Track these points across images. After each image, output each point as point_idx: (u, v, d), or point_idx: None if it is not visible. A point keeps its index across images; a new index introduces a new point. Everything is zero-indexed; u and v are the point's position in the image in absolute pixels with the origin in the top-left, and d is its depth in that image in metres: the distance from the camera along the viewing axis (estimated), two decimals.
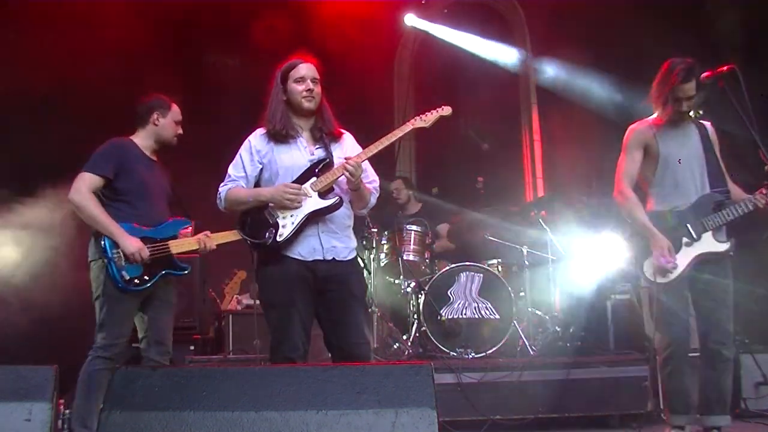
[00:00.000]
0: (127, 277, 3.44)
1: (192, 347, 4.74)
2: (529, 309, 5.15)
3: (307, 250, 3.04)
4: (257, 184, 3.17)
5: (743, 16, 5.56)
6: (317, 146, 3.14)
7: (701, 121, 3.55)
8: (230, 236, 3.71)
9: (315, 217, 3.04)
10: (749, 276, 5.18)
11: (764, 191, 3.31)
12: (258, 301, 5.48)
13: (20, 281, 4.97)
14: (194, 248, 3.66)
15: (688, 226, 3.36)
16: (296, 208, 3.01)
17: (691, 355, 3.45)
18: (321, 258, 3.04)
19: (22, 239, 5.03)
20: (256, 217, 3.09)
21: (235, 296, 5.68)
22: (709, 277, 3.35)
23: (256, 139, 3.17)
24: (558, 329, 4.99)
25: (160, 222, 3.65)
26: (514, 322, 4.79)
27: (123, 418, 2.06)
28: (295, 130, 3.13)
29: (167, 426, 2.04)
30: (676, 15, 5.85)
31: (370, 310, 5.07)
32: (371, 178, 3.22)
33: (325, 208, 3.03)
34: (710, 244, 3.35)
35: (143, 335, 3.62)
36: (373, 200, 3.22)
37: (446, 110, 3.16)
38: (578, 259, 5.30)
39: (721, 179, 3.43)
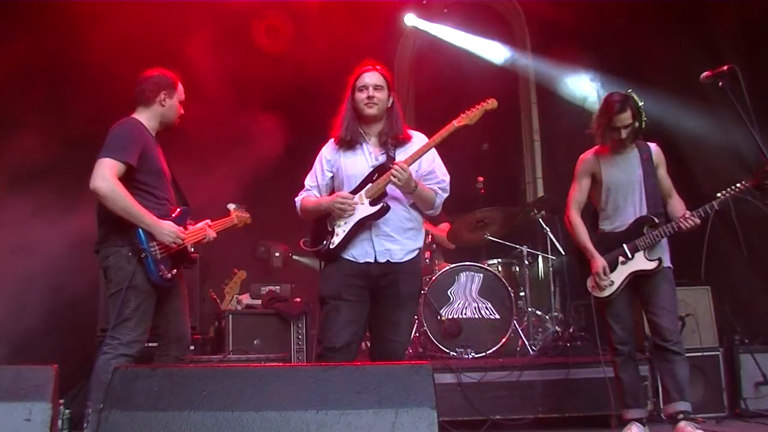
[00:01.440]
0: (164, 271, 3.21)
1: (192, 347, 4.72)
2: (529, 309, 5.15)
3: (359, 252, 3.14)
4: (333, 192, 3.28)
5: (743, 17, 5.55)
6: (382, 152, 3.20)
7: (648, 143, 3.79)
8: (227, 223, 3.69)
9: (366, 223, 3.12)
10: (749, 275, 5.21)
11: (687, 215, 3.60)
12: (259, 301, 5.51)
13: (21, 281, 4.96)
14: (201, 237, 3.45)
15: (624, 246, 3.68)
16: (350, 216, 3.12)
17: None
18: (373, 261, 3.12)
19: (23, 238, 5.02)
20: (320, 226, 3.23)
21: (235, 296, 5.68)
22: (649, 286, 3.68)
23: (327, 148, 3.32)
24: (558, 329, 4.99)
25: (172, 211, 3.38)
26: (514, 322, 4.79)
27: (123, 418, 2.06)
28: (362, 137, 3.23)
29: (167, 426, 2.04)
30: (676, 15, 5.85)
31: None
32: (439, 178, 3.28)
33: (372, 214, 3.11)
34: (642, 262, 3.67)
35: (159, 333, 3.38)
36: (438, 201, 3.27)
37: (491, 103, 3.26)
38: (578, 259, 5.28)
39: (658, 201, 3.72)
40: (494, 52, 6.95)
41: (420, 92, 7.19)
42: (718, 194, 3.56)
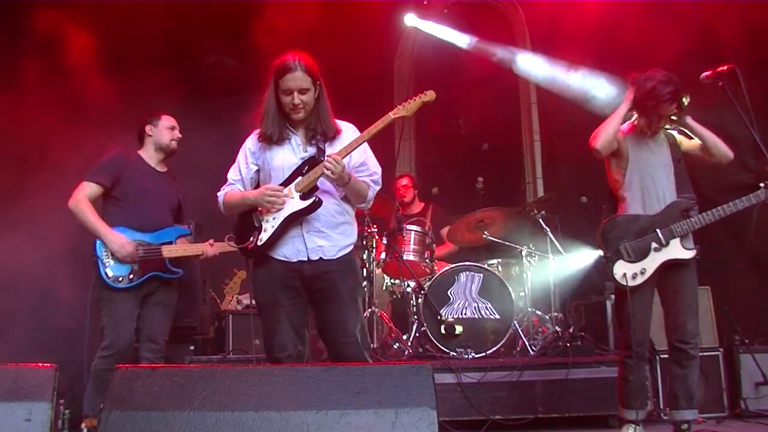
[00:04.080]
0: (111, 274, 3.68)
1: (192, 347, 4.73)
2: (529, 309, 5.15)
3: (291, 251, 3.00)
4: (258, 186, 3.13)
5: (743, 16, 5.55)
6: (311, 143, 3.05)
7: (668, 131, 3.63)
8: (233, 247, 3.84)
9: (297, 218, 2.99)
10: (749, 275, 5.21)
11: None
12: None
13: (22, 280, 4.96)
14: (192, 254, 3.89)
15: (658, 231, 3.45)
16: (279, 210, 2.98)
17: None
18: (306, 259, 2.99)
19: (25, 238, 5.02)
20: (245, 221, 3.08)
21: (235, 296, 5.68)
22: (675, 281, 3.48)
23: (252, 140, 3.14)
24: (558, 329, 4.99)
25: (158, 228, 3.87)
26: (514, 322, 4.79)
27: (123, 418, 2.06)
28: (289, 131, 3.07)
29: (167, 426, 2.04)
30: (677, 15, 5.85)
31: (370, 310, 5.08)
32: (371, 170, 3.12)
33: (303, 209, 2.97)
34: (678, 250, 3.44)
35: (137, 333, 3.81)
36: (371, 194, 3.11)
37: (428, 95, 3.05)
38: (578, 259, 5.30)
39: (687, 186, 3.53)
40: (494, 51, 6.95)
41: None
42: (762, 184, 3.37)
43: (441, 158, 7.36)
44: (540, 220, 5.28)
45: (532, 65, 6.77)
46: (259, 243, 3.00)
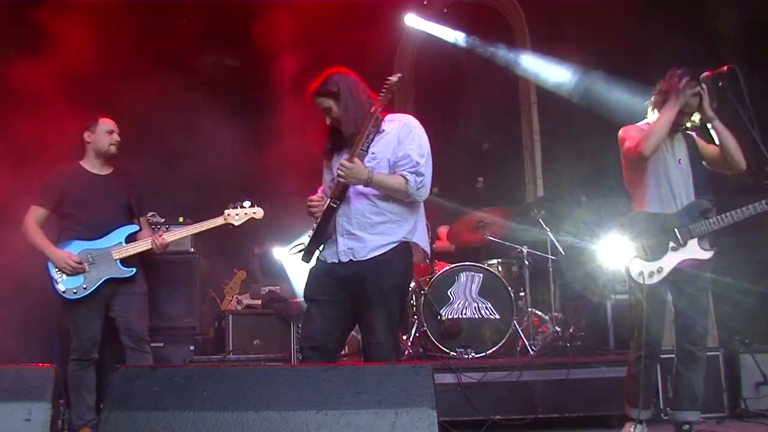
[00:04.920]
0: (64, 288, 3.85)
1: (192, 347, 4.74)
2: (529, 309, 5.15)
3: (329, 253, 3.16)
4: None
5: (743, 16, 5.56)
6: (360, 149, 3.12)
7: (687, 132, 3.60)
8: (205, 225, 4.03)
9: (326, 223, 3.11)
10: (750, 275, 5.21)
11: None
12: (259, 301, 5.51)
13: (21, 280, 4.96)
14: (142, 249, 3.99)
15: (676, 231, 3.43)
16: (318, 216, 3.15)
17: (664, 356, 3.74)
18: (337, 261, 3.11)
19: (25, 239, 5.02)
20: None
21: (235, 296, 5.68)
22: (689, 282, 3.45)
23: None
24: (558, 329, 4.99)
25: (107, 232, 3.97)
26: (514, 322, 4.79)
27: (123, 418, 2.07)
28: (347, 141, 3.17)
29: (167, 426, 2.04)
30: (677, 15, 5.86)
31: None
32: (413, 161, 3.11)
33: (323, 214, 3.11)
34: (695, 251, 3.43)
35: (114, 326, 3.98)
36: (411, 187, 3.08)
37: (393, 78, 3.02)
38: (578, 259, 5.30)
39: (706, 187, 3.50)
40: (494, 52, 6.95)
41: (420, 92, 7.18)
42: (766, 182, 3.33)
43: (441, 158, 7.35)
44: (540, 220, 5.29)
45: (532, 64, 6.78)
46: (303, 248, 3.21)
